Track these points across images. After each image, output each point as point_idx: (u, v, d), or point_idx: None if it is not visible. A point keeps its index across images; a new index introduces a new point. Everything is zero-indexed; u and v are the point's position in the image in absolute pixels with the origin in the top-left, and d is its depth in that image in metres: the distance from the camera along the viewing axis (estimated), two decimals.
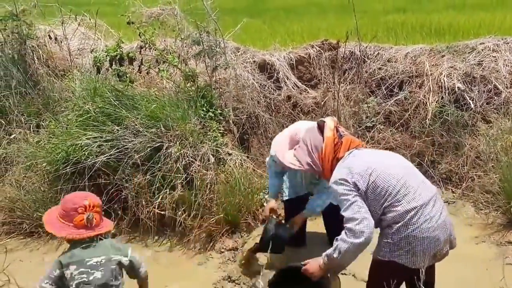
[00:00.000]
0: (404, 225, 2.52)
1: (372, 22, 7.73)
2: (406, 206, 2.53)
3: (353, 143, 2.82)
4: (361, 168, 2.61)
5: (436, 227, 2.54)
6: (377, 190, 2.57)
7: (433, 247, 2.56)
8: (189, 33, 4.47)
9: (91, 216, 2.45)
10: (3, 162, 4.52)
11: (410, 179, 2.62)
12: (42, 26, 5.44)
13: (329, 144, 2.76)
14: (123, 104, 4.29)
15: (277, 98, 5.18)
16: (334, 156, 2.76)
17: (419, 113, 5.09)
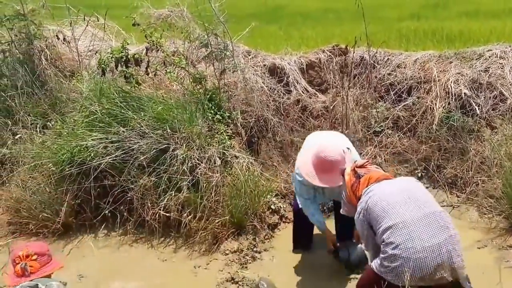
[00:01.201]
0: (385, 244, 2.63)
1: (385, 28, 7.80)
2: (384, 226, 2.65)
3: (372, 179, 2.95)
4: (362, 204, 2.85)
5: (421, 249, 2.52)
6: (372, 214, 2.76)
7: (419, 271, 2.51)
8: (197, 36, 4.46)
9: (24, 265, 2.66)
10: (9, 162, 4.52)
11: (393, 200, 2.73)
12: (52, 26, 5.46)
13: (348, 188, 3.04)
14: (130, 105, 4.30)
15: (286, 101, 5.18)
16: (354, 196, 2.99)
17: (426, 118, 5.09)
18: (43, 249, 2.79)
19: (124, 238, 4.28)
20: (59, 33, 5.07)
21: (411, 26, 7.72)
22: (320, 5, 11.09)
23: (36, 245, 2.88)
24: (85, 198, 4.28)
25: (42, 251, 2.78)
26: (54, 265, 2.81)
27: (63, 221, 4.22)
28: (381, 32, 7.19)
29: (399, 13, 9.52)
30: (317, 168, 3.39)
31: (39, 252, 2.74)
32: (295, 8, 11.23)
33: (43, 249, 2.80)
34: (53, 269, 2.79)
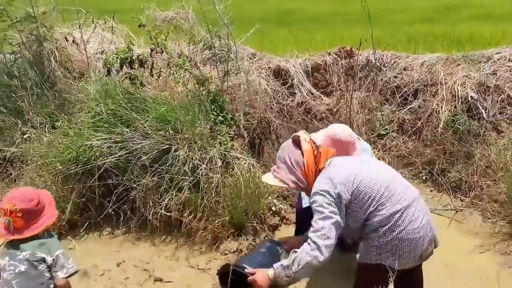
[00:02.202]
0: (390, 228, 2.56)
1: (395, 31, 7.82)
2: (391, 209, 2.56)
3: (330, 152, 2.83)
4: (343, 177, 2.62)
5: (421, 228, 2.59)
6: (360, 195, 2.59)
7: (419, 248, 2.60)
8: (201, 38, 4.52)
9: (8, 221, 2.59)
10: (18, 161, 4.65)
11: (392, 182, 2.66)
12: (62, 29, 5.59)
13: (309, 157, 2.74)
14: (134, 106, 4.39)
15: (290, 104, 5.22)
16: (316, 168, 2.74)
17: (432, 121, 5.08)
18: (30, 204, 2.63)
19: (128, 236, 4.36)
20: (69, 36, 5.19)
21: (421, 30, 7.73)
22: (329, 8, 11.13)
23: (26, 196, 2.66)
24: (90, 196, 4.37)
25: (30, 207, 2.62)
26: (44, 222, 2.66)
27: (68, 219, 4.31)
28: (391, 35, 7.22)
29: (410, 17, 9.53)
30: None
31: (25, 209, 2.59)
32: (305, 12, 11.29)
33: (31, 204, 2.64)
34: (31, 232, 2.62)
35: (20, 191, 2.85)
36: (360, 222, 2.63)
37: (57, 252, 2.65)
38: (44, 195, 2.84)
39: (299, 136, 2.82)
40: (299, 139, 2.80)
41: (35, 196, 2.71)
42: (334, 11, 10.74)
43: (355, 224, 2.65)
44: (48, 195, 2.89)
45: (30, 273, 2.61)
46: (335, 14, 10.32)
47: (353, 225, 2.66)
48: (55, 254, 2.65)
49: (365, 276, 2.76)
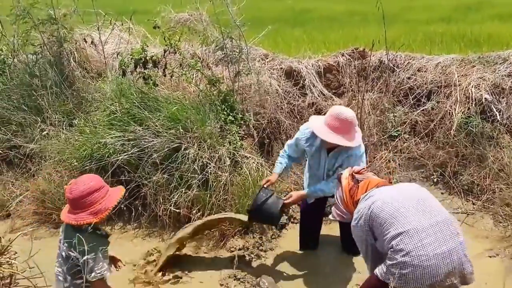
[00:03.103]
0: (394, 251, 2.56)
1: (412, 31, 7.75)
2: (393, 232, 2.58)
3: (371, 184, 2.94)
4: (363, 210, 2.78)
5: (433, 256, 2.49)
6: (377, 220, 2.69)
7: (429, 277, 2.49)
8: (213, 39, 4.61)
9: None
10: (37, 157, 4.85)
11: (401, 207, 2.66)
12: (83, 30, 5.79)
13: (345, 191, 3.00)
14: (147, 105, 4.52)
15: (301, 104, 5.25)
16: (352, 200, 2.96)
17: (445, 123, 5.03)
18: (81, 193, 2.55)
19: (138, 231, 4.49)
20: (88, 37, 5.37)
21: (439, 29, 7.62)
22: (346, 8, 11.07)
23: (85, 183, 2.60)
24: None
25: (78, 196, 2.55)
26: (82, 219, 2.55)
27: None
28: (407, 35, 7.15)
29: (429, 16, 9.40)
30: (330, 126, 3.38)
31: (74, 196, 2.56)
32: (322, 11, 11.28)
33: (81, 193, 2.55)
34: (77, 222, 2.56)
35: (89, 177, 2.72)
36: (385, 247, 2.67)
37: (88, 257, 2.56)
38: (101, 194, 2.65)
39: (341, 174, 3.11)
40: (341, 176, 3.10)
41: (89, 187, 2.59)
42: (351, 11, 10.69)
43: (383, 249, 2.70)
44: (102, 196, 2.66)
45: (65, 260, 2.67)
46: (352, 14, 10.28)
47: (382, 250, 2.72)
48: (85, 258, 2.56)
49: (370, 283, 2.80)
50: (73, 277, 2.66)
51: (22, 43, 5.25)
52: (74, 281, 2.67)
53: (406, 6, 11.61)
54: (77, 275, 2.64)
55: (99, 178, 2.69)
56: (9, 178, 4.93)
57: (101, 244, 2.62)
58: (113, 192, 2.71)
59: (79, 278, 2.64)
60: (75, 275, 2.65)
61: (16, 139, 4.98)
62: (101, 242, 2.62)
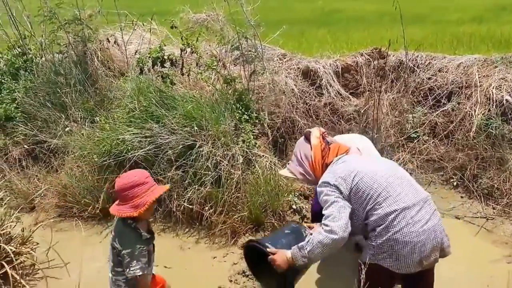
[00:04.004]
0: (385, 228, 2.57)
1: (439, 32, 7.62)
2: (386, 209, 2.58)
3: (341, 149, 2.92)
4: (345, 172, 2.70)
5: (421, 232, 2.55)
6: (359, 193, 2.65)
7: (418, 253, 2.55)
8: (229, 39, 4.68)
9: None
10: (61, 152, 5.04)
11: (393, 183, 2.66)
12: (108, 30, 5.97)
13: (316, 151, 2.89)
14: (165, 104, 4.63)
15: (317, 104, 5.26)
16: (323, 162, 2.88)
17: (464, 125, 4.94)
18: (125, 185, 2.61)
19: (153, 226, 4.58)
20: (111, 37, 5.54)
21: (468, 30, 7.47)
22: (377, 8, 10.96)
23: (130, 176, 2.67)
24: None
25: (122, 187, 2.62)
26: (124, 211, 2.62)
27: (101, 207, 4.63)
28: (433, 36, 7.04)
29: (460, 16, 9.20)
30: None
31: (118, 187, 2.63)
32: (352, 12, 11.23)
33: (126, 185, 2.61)
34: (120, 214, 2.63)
35: (135, 172, 2.78)
36: (361, 220, 2.68)
37: (125, 252, 2.66)
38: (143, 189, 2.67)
39: (310, 132, 2.96)
40: (310, 134, 2.95)
41: (133, 181, 2.64)
42: (381, 11, 10.57)
43: (357, 221, 2.70)
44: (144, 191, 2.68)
45: (111, 250, 2.78)
46: (382, 14, 10.17)
47: (356, 222, 2.70)
48: (123, 252, 2.66)
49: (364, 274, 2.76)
50: (114, 267, 2.79)
51: (49, 42, 5.47)
52: (115, 270, 2.79)
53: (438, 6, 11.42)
54: (117, 266, 2.76)
55: (145, 174, 2.73)
56: (34, 173, 5.14)
57: (140, 243, 2.68)
58: (156, 188, 2.73)
59: (119, 268, 2.75)
60: (115, 266, 2.78)
61: (41, 135, 5.20)
62: (140, 241, 2.69)
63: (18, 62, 5.80)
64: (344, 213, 2.61)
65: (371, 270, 2.61)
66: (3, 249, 3.72)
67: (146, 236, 2.73)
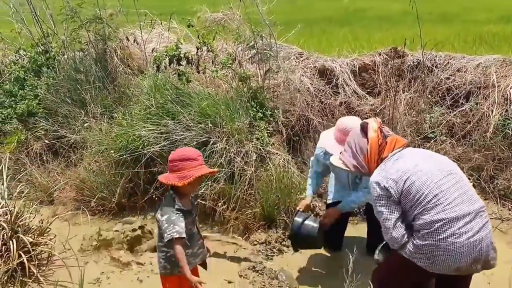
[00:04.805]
0: (429, 233, 2.53)
1: (463, 31, 7.55)
2: (434, 217, 2.53)
3: (398, 142, 2.81)
4: (398, 174, 2.63)
5: (466, 245, 2.49)
6: (409, 196, 2.59)
7: (457, 261, 2.51)
8: (245, 38, 4.73)
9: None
10: (80, 147, 5.17)
11: (446, 190, 2.57)
12: (130, 29, 6.09)
13: (373, 145, 2.78)
14: (180, 100, 4.70)
15: (333, 103, 5.26)
16: (379, 156, 2.79)
17: (481, 125, 4.87)
18: (175, 157, 2.74)
19: None
20: (130, 35, 5.65)
21: (493, 29, 7.34)
22: (401, 7, 10.84)
23: (182, 150, 2.83)
24: (137, 182, 4.75)
25: (172, 158, 2.74)
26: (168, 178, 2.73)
27: (117, 201, 4.73)
28: (456, 36, 6.96)
29: (488, 16, 9.04)
30: (340, 141, 3.36)
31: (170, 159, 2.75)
32: (376, 11, 11.17)
33: (176, 158, 2.74)
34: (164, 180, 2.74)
35: (189, 149, 2.93)
36: (408, 221, 2.65)
37: (162, 218, 2.73)
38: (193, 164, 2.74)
39: (367, 123, 2.87)
40: (367, 126, 2.85)
41: (184, 154, 2.76)
42: (407, 10, 10.48)
43: (404, 221, 2.66)
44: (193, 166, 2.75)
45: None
46: (407, 13, 10.08)
47: (403, 222, 2.67)
48: (161, 219, 2.74)
49: (392, 263, 2.76)
50: (158, 243, 2.88)
51: (71, 40, 5.62)
52: (158, 246, 2.89)
53: (467, 6, 11.28)
54: (160, 240, 2.84)
55: (198, 153, 2.80)
56: (54, 167, 5.28)
57: (177, 211, 2.72)
58: (204, 168, 2.79)
59: (160, 243, 2.83)
60: (159, 241, 2.86)
61: (62, 130, 5.34)
62: (177, 209, 2.72)
63: (40, 60, 5.96)
64: (392, 223, 2.65)
65: (403, 261, 2.62)
66: (20, 240, 3.83)
67: (182, 207, 2.76)
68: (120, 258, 4.14)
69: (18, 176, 4.97)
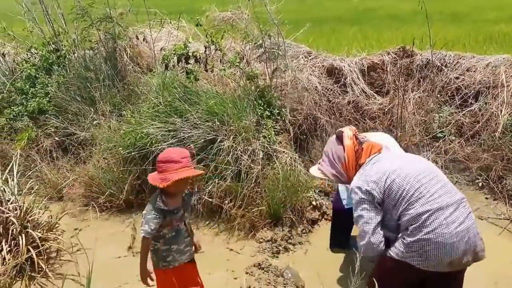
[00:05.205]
0: (418, 227, 2.54)
1: (473, 31, 7.50)
2: (419, 209, 2.54)
3: (374, 148, 2.88)
4: (378, 175, 2.68)
5: (455, 234, 2.50)
6: (391, 195, 2.63)
7: (449, 255, 2.51)
8: (252, 36, 4.75)
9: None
10: (89, 145, 5.23)
11: (426, 183, 2.61)
12: (140, 28, 6.14)
13: (350, 152, 2.86)
14: (188, 99, 4.73)
15: (341, 102, 5.25)
16: (356, 163, 2.85)
17: (490, 125, 4.84)
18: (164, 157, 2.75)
19: None
20: (140, 34, 5.70)
21: (504, 29, 7.28)
22: (412, 7, 10.76)
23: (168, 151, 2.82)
24: (144, 179, 4.76)
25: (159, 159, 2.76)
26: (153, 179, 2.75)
27: (125, 198, 4.77)
28: (466, 35, 6.92)
29: (498, 15, 8.97)
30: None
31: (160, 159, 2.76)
32: (386, 10, 11.13)
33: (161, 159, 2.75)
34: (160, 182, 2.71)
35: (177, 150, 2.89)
36: (394, 221, 2.67)
37: (143, 213, 2.80)
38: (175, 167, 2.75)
39: (342, 132, 2.95)
40: (342, 135, 2.93)
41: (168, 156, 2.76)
42: (417, 10, 10.43)
43: (390, 222, 2.69)
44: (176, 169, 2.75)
45: None
46: (417, 13, 10.03)
47: (389, 223, 2.70)
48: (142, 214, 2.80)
49: (385, 267, 2.75)
50: None
51: (81, 39, 5.68)
52: None
53: (478, 5, 11.19)
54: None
55: (184, 154, 2.80)
56: (63, 163, 5.34)
57: (155, 210, 2.75)
58: (187, 171, 2.76)
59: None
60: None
61: (71, 128, 5.40)
62: (155, 208, 2.76)
63: (51, 58, 6.03)
64: (371, 226, 2.67)
65: (395, 264, 2.63)
66: (29, 235, 3.88)
67: (162, 207, 2.78)
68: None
69: (28, 172, 5.03)
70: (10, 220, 3.89)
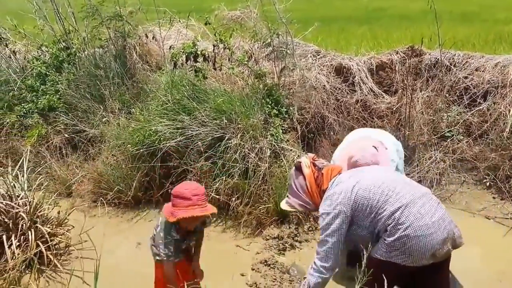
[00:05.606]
0: (395, 226, 2.60)
1: (483, 31, 7.46)
2: (390, 209, 2.62)
3: (334, 170, 2.96)
4: (341, 196, 2.75)
5: (431, 225, 2.57)
6: (359, 207, 2.70)
7: (431, 247, 2.56)
8: (261, 35, 4.77)
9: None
10: (98, 142, 5.28)
11: (389, 183, 2.70)
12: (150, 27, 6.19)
13: (310, 180, 2.94)
14: (196, 97, 4.77)
15: (349, 101, 5.26)
16: (319, 189, 2.93)
17: (498, 125, 4.83)
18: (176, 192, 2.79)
19: None
20: (149, 33, 5.75)
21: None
22: (421, 6, 10.71)
23: (182, 186, 2.85)
24: (153, 176, 4.83)
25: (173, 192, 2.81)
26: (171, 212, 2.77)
27: (133, 195, 4.81)
28: (476, 35, 6.89)
29: (508, 15, 8.91)
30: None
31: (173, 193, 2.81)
32: (396, 9, 11.09)
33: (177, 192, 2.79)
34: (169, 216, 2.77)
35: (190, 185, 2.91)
36: (368, 230, 2.72)
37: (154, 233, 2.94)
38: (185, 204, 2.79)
39: (300, 162, 3.03)
40: (300, 165, 3.01)
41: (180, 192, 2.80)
42: (426, 9, 10.37)
43: (363, 232, 2.75)
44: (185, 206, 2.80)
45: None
46: (427, 12, 9.98)
47: (361, 233, 2.76)
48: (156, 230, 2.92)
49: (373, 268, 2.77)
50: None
51: (91, 37, 5.74)
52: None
53: (487, 4, 11.12)
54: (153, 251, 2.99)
55: (195, 192, 2.81)
56: (72, 160, 5.40)
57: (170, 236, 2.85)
58: (195, 209, 2.78)
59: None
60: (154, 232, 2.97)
61: (81, 125, 5.46)
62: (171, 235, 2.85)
63: (62, 56, 6.09)
64: (333, 254, 2.77)
65: (379, 264, 2.64)
66: (39, 230, 3.94)
67: (174, 236, 2.86)
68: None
69: (38, 168, 5.09)
70: (19, 215, 3.94)
